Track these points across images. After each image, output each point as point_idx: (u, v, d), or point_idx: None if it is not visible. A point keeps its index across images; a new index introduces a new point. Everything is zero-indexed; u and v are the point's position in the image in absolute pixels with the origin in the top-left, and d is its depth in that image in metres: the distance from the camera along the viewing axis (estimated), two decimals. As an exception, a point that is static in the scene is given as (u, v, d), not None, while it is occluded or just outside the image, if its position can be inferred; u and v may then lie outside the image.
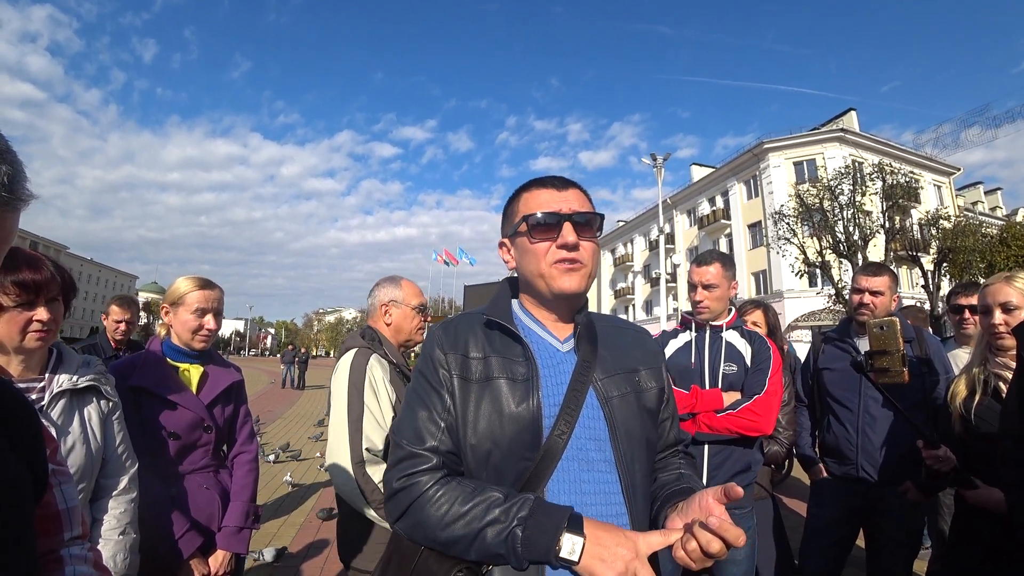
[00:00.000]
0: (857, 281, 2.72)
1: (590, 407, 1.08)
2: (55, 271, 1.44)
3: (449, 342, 1.13)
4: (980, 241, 18.74)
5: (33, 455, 0.79)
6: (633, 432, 1.10)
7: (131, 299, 3.95)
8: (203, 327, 2.03)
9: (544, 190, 1.16)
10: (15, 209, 0.61)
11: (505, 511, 0.93)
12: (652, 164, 22.15)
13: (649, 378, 1.19)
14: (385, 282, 2.27)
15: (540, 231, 1.12)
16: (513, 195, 1.23)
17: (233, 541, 2.01)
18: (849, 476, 2.63)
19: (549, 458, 1.02)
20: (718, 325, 2.44)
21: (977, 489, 1.88)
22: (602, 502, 1.04)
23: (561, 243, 1.10)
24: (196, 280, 2.08)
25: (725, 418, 2.23)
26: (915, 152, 33.12)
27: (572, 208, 1.13)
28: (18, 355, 1.45)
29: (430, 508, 0.98)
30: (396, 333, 2.20)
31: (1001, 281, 1.99)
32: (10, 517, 0.69)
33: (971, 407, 1.96)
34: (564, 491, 1.02)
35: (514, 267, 1.23)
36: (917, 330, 2.77)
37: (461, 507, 0.96)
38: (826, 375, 2.79)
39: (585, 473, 1.04)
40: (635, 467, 1.09)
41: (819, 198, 20.24)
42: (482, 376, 1.08)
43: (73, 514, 0.93)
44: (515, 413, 1.04)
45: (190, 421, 1.96)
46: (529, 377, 1.07)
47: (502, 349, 1.11)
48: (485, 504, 0.95)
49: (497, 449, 1.03)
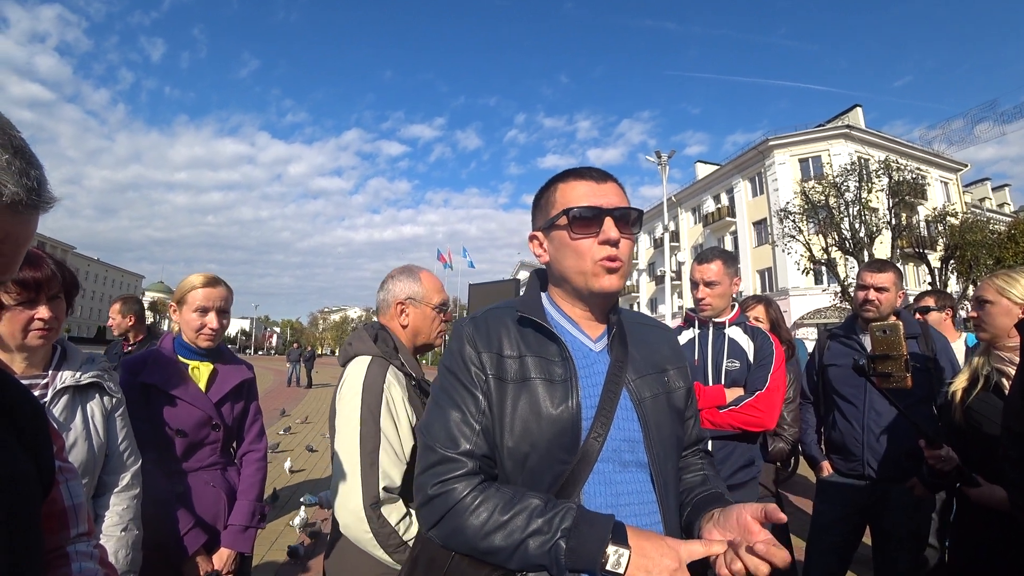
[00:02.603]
0: (862, 278, 2.70)
1: (624, 408, 1.06)
2: (56, 269, 1.44)
3: (482, 340, 1.09)
4: (988, 238, 18.61)
5: (40, 452, 0.80)
6: (664, 433, 1.09)
7: (133, 298, 3.98)
8: (205, 325, 2.02)
9: (582, 182, 1.12)
10: (42, 212, 0.63)
11: (548, 521, 0.91)
12: (657, 162, 22.10)
13: (677, 377, 1.18)
14: (401, 274, 1.91)
15: (580, 225, 1.08)
16: (547, 185, 1.17)
17: (238, 540, 2.00)
18: (855, 473, 2.62)
19: (586, 460, 1.01)
20: (721, 322, 2.44)
21: (979, 487, 1.87)
22: (636, 501, 1.04)
23: (603, 239, 1.07)
24: (201, 278, 2.06)
25: (727, 414, 2.23)
26: (922, 148, 32.91)
27: (612, 203, 1.09)
28: (21, 353, 1.46)
29: (468, 517, 0.95)
30: (413, 336, 1.87)
31: (988, 278, 2.04)
32: (18, 513, 0.69)
33: (970, 399, 1.97)
34: (600, 493, 1.01)
35: (547, 261, 1.18)
36: (923, 325, 2.75)
37: (501, 516, 0.93)
38: (831, 372, 2.78)
39: (620, 474, 1.04)
40: (667, 467, 1.08)
41: (825, 195, 20.15)
42: (518, 376, 1.05)
43: (79, 511, 0.93)
44: (554, 415, 1.02)
45: (198, 419, 1.97)
46: (567, 378, 1.04)
47: (537, 348, 1.08)
48: (527, 513, 0.93)
49: (535, 452, 1.02)
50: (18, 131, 0.61)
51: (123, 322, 3.78)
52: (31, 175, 0.60)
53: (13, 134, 0.60)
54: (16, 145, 0.60)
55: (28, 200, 0.60)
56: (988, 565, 1.84)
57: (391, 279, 1.92)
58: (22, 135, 0.62)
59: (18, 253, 0.63)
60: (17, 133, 0.61)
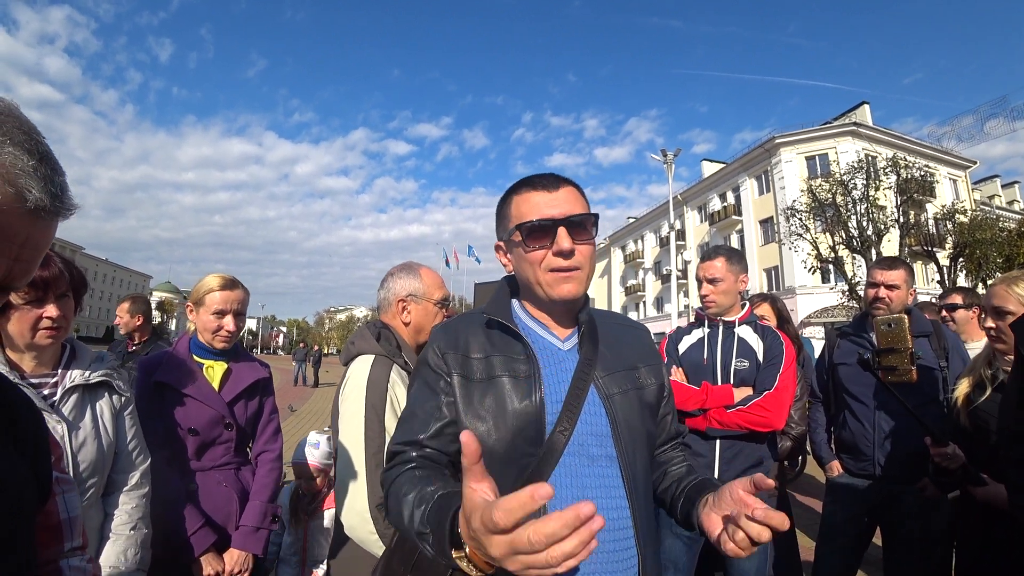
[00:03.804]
0: (872, 275, 2.68)
1: (592, 404, 1.09)
2: (64, 267, 1.45)
3: (449, 343, 1.14)
4: (997, 235, 18.40)
5: (38, 461, 0.78)
6: (634, 427, 1.12)
7: (142, 298, 4.00)
8: (222, 328, 2.03)
9: (535, 192, 1.14)
10: (62, 218, 0.63)
11: (421, 495, 0.93)
12: (662, 160, 22.01)
13: (649, 375, 1.21)
14: (401, 271, 1.91)
15: (534, 238, 1.10)
16: (504, 197, 1.20)
17: (249, 541, 1.98)
18: (865, 473, 2.59)
19: (551, 454, 1.03)
20: (731, 321, 2.43)
21: (985, 486, 1.86)
22: (604, 495, 1.05)
23: (556, 250, 1.09)
24: (219, 280, 2.06)
25: (735, 414, 2.22)
26: (930, 145, 32.59)
27: (564, 212, 1.11)
28: (30, 352, 1.46)
29: (395, 496, 0.99)
30: (416, 333, 1.88)
31: (1001, 283, 1.97)
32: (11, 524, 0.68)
33: (976, 402, 1.94)
34: (566, 485, 1.03)
35: (511, 270, 1.22)
36: (935, 324, 2.72)
37: (409, 491, 0.96)
38: (841, 370, 2.75)
39: (587, 468, 1.06)
40: (636, 461, 1.10)
41: (832, 193, 20.02)
42: (484, 375, 1.09)
43: (75, 524, 0.92)
44: (518, 409, 1.05)
45: (210, 418, 1.97)
46: (531, 374, 1.08)
47: (503, 348, 1.12)
48: (417, 490, 0.95)
49: (500, 444, 1.04)
50: (43, 137, 0.62)
51: (131, 321, 3.79)
52: (55, 182, 0.61)
53: (39, 140, 0.61)
54: (42, 151, 0.60)
55: (52, 207, 0.60)
56: (993, 565, 1.83)
57: (391, 277, 1.91)
58: (47, 141, 0.62)
59: (36, 258, 0.63)
60: (43, 139, 0.62)
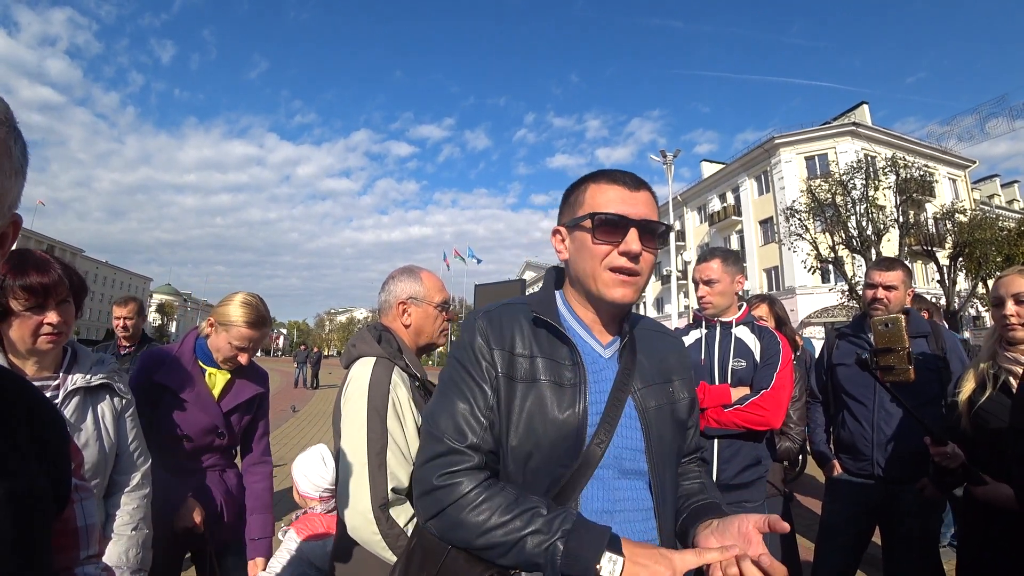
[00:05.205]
0: (870, 276, 2.69)
1: (628, 417, 1.06)
2: (63, 273, 1.45)
3: (495, 336, 1.09)
4: (997, 235, 18.40)
5: (59, 469, 0.79)
6: (665, 443, 1.10)
7: (131, 298, 3.99)
8: (236, 358, 2.04)
9: (615, 186, 1.09)
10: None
11: (548, 522, 0.92)
12: (662, 161, 22.02)
13: (682, 388, 1.18)
14: (402, 274, 1.91)
15: (604, 232, 1.06)
16: (579, 182, 1.15)
17: (258, 549, 2.12)
18: (864, 473, 2.60)
19: (587, 466, 1.01)
20: (728, 321, 2.44)
21: (986, 485, 1.86)
22: (632, 508, 1.04)
23: (624, 250, 1.05)
24: (251, 315, 2.01)
25: (732, 413, 2.23)
26: (929, 145, 32.61)
27: (641, 214, 1.06)
28: (32, 356, 1.47)
29: (471, 513, 0.95)
30: (416, 336, 1.87)
31: (1015, 273, 1.98)
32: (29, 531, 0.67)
33: (979, 402, 1.94)
34: (597, 498, 1.02)
35: (566, 259, 1.16)
36: (933, 324, 2.73)
37: (502, 516, 0.94)
38: (840, 371, 2.76)
39: (619, 481, 1.04)
40: (665, 477, 1.09)
41: (831, 193, 20.02)
42: (528, 376, 1.05)
43: (91, 532, 0.92)
44: (559, 419, 1.02)
45: (204, 426, 1.99)
46: (576, 383, 1.05)
47: (549, 350, 1.08)
48: (528, 514, 0.93)
49: (537, 453, 1.02)
50: None
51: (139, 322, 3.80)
52: None
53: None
54: None
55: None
56: (993, 565, 1.83)
57: (392, 280, 1.91)
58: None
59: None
60: None
